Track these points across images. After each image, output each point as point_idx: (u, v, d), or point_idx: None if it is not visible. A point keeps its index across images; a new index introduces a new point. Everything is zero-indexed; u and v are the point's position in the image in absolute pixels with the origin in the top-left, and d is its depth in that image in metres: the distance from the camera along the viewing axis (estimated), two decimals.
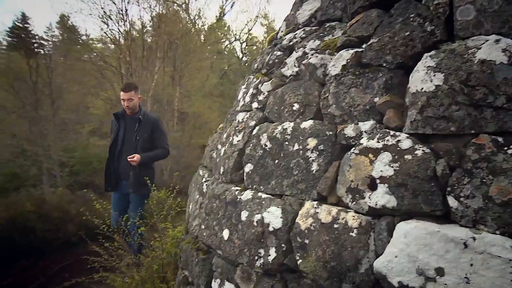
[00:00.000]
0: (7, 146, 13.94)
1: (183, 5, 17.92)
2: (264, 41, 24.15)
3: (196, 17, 19.43)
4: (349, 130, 1.94)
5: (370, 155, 1.75)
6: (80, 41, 16.44)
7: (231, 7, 28.23)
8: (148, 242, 4.42)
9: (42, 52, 16.35)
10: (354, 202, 1.78)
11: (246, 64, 24.16)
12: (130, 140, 4.16)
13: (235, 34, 24.00)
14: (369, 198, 1.71)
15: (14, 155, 13.85)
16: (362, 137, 1.86)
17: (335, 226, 1.80)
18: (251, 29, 23.69)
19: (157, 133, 4.28)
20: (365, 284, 1.65)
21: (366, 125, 1.89)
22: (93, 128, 17.43)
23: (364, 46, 2.06)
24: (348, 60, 2.06)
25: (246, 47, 24.52)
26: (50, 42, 19.32)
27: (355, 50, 2.07)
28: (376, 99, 1.87)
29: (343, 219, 1.78)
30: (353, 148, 1.85)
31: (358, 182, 1.77)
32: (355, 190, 1.78)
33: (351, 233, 1.72)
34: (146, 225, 4.40)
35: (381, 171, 1.68)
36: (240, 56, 24.81)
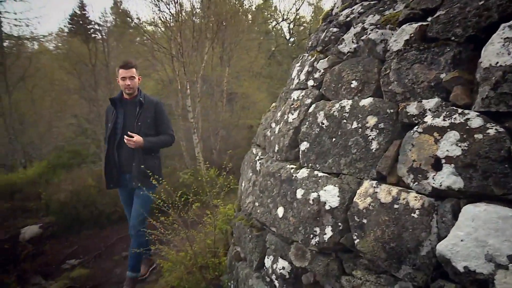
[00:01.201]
0: (70, 125, 14.98)
1: None
2: (311, 21, 23.62)
3: None
4: (412, 108, 1.86)
5: (435, 134, 1.67)
6: (133, 25, 16.94)
7: None
8: (200, 218, 4.57)
9: (99, 36, 17.20)
10: (416, 183, 1.72)
11: (294, 44, 23.79)
12: (131, 127, 3.61)
13: (283, 14, 23.61)
14: (433, 178, 1.64)
15: (76, 133, 14.87)
16: (426, 115, 1.78)
17: (395, 206, 1.75)
18: (298, 9, 23.18)
19: (160, 117, 3.78)
20: (426, 267, 1.61)
21: (430, 103, 1.80)
22: None
23: (429, 19, 1.95)
24: (412, 35, 1.96)
25: (294, 27, 24.09)
26: (105, 27, 20.11)
27: (420, 23, 1.96)
28: (443, 75, 1.77)
29: (404, 199, 1.73)
30: (416, 127, 1.78)
31: (421, 162, 1.70)
32: (417, 170, 1.72)
33: (412, 214, 1.67)
34: (199, 201, 4.53)
35: (447, 150, 1.60)
36: (288, 37, 24.43)
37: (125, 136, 3.42)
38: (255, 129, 16.46)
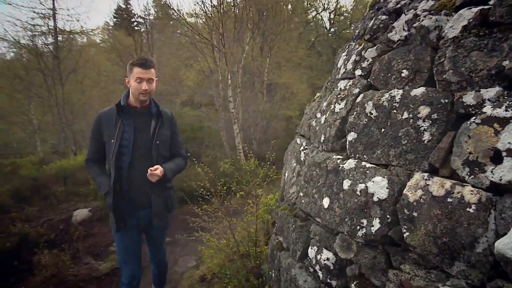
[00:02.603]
0: None
1: None
2: (352, 10, 23.01)
3: None
4: (469, 98, 1.77)
5: (496, 125, 1.58)
6: (174, 17, 17.31)
7: None
8: (242, 207, 4.63)
9: (143, 29, 17.93)
10: (472, 176, 1.64)
11: (334, 35, 23.34)
12: (146, 146, 2.73)
13: (323, 4, 23.17)
14: (492, 172, 1.56)
15: None
16: (485, 105, 1.69)
17: (449, 200, 1.68)
18: None
19: (176, 135, 2.99)
20: (482, 265, 1.54)
21: (490, 92, 1.70)
22: (185, 98, 18.50)
23: (491, 2, 1.83)
24: (471, 20, 1.86)
25: (334, 17, 23.60)
26: (147, 20, 20.71)
27: (480, 7, 1.85)
28: (505, 63, 1.67)
29: (458, 193, 1.66)
30: (473, 117, 1.69)
31: (478, 155, 1.62)
32: (473, 163, 1.64)
33: (467, 209, 1.60)
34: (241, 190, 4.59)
35: (509, 143, 1.51)
36: (328, 27, 23.98)
37: (149, 170, 2.56)
38: (294, 120, 16.39)
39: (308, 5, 23.08)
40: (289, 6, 19.63)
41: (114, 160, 2.63)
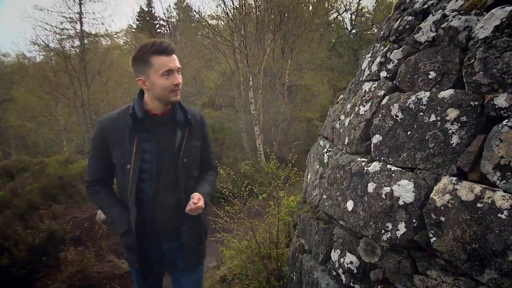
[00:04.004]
0: None
1: None
2: (374, 12, 22.75)
3: None
4: (501, 100, 1.72)
5: None
6: (196, 20, 17.56)
7: None
8: (264, 208, 4.64)
9: (166, 31, 18.40)
10: (504, 181, 1.59)
11: (355, 36, 23.15)
12: (172, 168, 2.02)
13: (345, 5, 23.00)
14: None
15: None
16: None
17: (479, 205, 1.64)
18: None
19: (207, 143, 2.26)
20: None
21: None
22: (207, 100, 18.70)
23: None
24: (504, 19, 1.80)
25: (355, 18, 23.41)
26: (169, 22, 21.09)
27: None
28: None
29: (489, 198, 1.61)
30: (506, 120, 1.64)
31: (511, 159, 1.57)
32: (506, 167, 1.59)
33: (499, 215, 1.55)
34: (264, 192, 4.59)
35: None
36: (349, 28, 23.79)
37: (190, 203, 1.93)
38: (314, 122, 16.32)
39: (330, 6, 22.96)
40: (310, 8, 19.58)
41: (133, 192, 1.93)
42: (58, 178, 10.97)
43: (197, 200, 1.94)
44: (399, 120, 2.19)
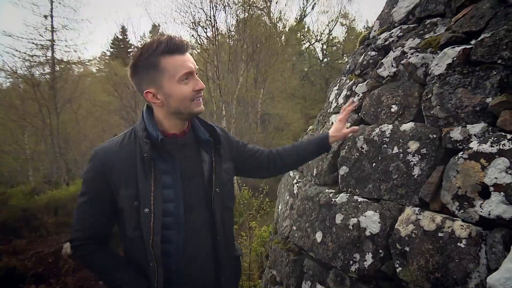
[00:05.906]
0: None
1: (265, 9, 18.25)
2: (344, 41, 23.61)
3: (277, 20, 19.66)
4: (456, 133, 1.82)
5: (482, 161, 1.62)
6: None
7: (312, 8, 27.84)
8: (236, 239, 4.59)
9: None
10: (462, 210, 1.66)
11: (327, 65, 23.84)
12: (202, 202, 1.46)
13: (316, 35, 23.80)
14: (480, 207, 1.58)
15: None
16: (471, 141, 1.73)
17: (440, 234, 1.69)
18: (331, 30, 23.30)
19: (242, 146, 1.82)
20: None
21: (475, 128, 1.75)
22: None
23: (473, 42, 1.92)
24: (455, 58, 1.93)
25: (327, 48, 24.20)
26: None
27: (463, 47, 1.93)
28: (488, 100, 1.73)
29: (449, 227, 1.67)
30: (461, 153, 1.73)
31: (467, 189, 1.65)
32: (463, 197, 1.66)
33: (458, 244, 1.61)
34: (235, 223, 4.54)
35: (495, 178, 1.54)
36: (321, 57, 24.53)
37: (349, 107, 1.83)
38: None
39: (301, 37, 23.68)
40: (283, 38, 20.13)
41: (158, 245, 1.34)
42: (21, 210, 10.48)
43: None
44: (364, 152, 2.26)
